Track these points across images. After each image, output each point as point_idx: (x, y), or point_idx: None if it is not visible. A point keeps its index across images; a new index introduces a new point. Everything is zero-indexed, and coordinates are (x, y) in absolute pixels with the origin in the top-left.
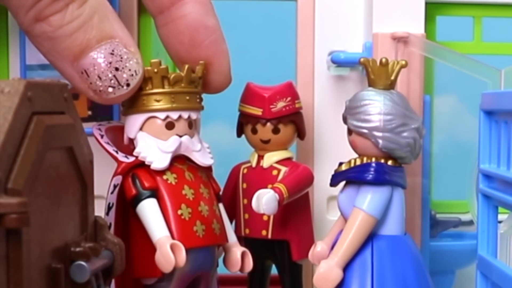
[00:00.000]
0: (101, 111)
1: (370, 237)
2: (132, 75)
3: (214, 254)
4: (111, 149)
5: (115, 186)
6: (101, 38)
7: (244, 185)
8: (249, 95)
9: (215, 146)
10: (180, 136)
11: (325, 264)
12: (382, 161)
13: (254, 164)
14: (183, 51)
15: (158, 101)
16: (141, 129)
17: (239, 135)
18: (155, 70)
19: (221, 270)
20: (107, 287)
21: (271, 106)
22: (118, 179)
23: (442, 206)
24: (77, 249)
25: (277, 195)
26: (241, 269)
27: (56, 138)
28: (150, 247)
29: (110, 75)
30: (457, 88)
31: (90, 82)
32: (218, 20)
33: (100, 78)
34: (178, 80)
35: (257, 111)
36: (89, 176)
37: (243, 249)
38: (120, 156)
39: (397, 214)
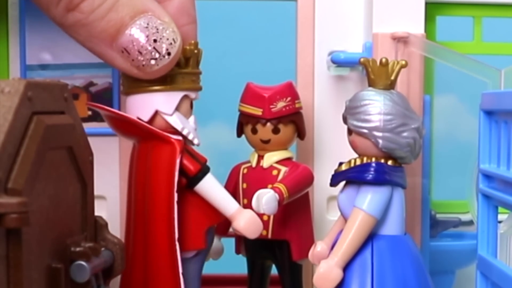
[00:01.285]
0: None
1: (370, 237)
2: (171, 43)
3: None
4: (156, 129)
5: (179, 164)
6: (134, 14)
7: (244, 185)
8: (249, 95)
9: (215, 146)
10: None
11: (325, 264)
12: (382, 161)
13: (254, 164)
14: None
15: (193, 80)
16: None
17: (239, 135)
18: (195, 51)
19: (220, 269)
20: (107, 287)
21: (271, 106)
22: (180, 157)
23: (442, 206)
24: (77, 249)
25: (277, 195)
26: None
27: (56, 138)
28: (195, 220)
29: (150, 48)
30: (457, 88)
31: (132, 59)
32: (196, 15)
33: (140, 53)
34: (199, 62)
35: (257, 111)
36: (89, 176)
37: None
38: (172, 135)
39: (397, 214)
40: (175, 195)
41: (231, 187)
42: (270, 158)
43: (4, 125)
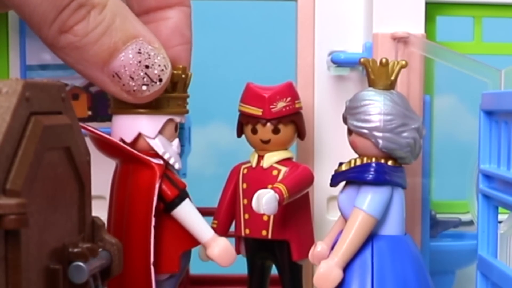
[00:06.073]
0: (101, 111)
1: (370, 237)
2: (163, 70)
3: None
4: (138, 153)
5: (158, 189)
6: (127, 39)
7: (244, 185)
8: (249, 95)
9: (215, 146)
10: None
11: (325, 264)
12: (382, 161)
13: (254, 164)
14: None
15: (179, 105)
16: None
17: (239, 135)
18: (183, 75)
19: (220, 269)
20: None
21: (271, 106)
22: (159, 182)
23: (442, 206)
24: (75, 250)
25: (277, 195)
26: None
27: (53, 139)
28: (170, 244)
29: (141, 74)
30: (457, 88)
31: (123, 84)
32: (192, 36)
33: (132, 78)
34: (187, 87)
35: (257, 111)
36: (87, 177)
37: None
38: (152, 159)
39: (397, 214)
40: (153, 219)
41: (231, 187)
42: (270, 158)
43: (2, 125)
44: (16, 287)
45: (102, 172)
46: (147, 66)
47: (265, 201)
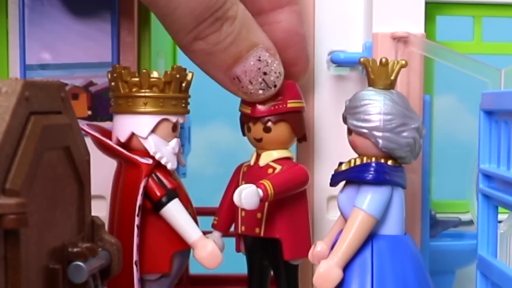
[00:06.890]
0: (101, 111)
1: (370, 237)
2: (278, 77)
3: None
4: (126, 152)
5: (144, 188)
6: (250, 47)
7: (243, 183)
8: None
9: (215, 146)
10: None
11: (325, 264)
12: (382, 161)
13: (252, 162)
14: None
15: (174, 105)
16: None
17: (244, 133)
18: (177, 75)
19: (220, 269)
20: (104, 287)
21: (259, 105)
22: (145, 181)
23: (442, 206)
24: (75, 250)
25: (259, 191)
26: None
27: (53, 138)
28: (161, 244)
29: (260, 79)
30: (457, 88)
31: (242, 86)
32: (304, 31)
33: (251, 83)
34: (187, 87)
35: (247, 110)
36: (86, 176)
37: None
38: (140, 158)
39: (397, 214)
40: (136, 218)
41: (233, 186)
42: (267, 157)
43: (2, 125)
44: (16, 287)
45: (102, 172)
46: (265, 73)
47: (244, 195)
